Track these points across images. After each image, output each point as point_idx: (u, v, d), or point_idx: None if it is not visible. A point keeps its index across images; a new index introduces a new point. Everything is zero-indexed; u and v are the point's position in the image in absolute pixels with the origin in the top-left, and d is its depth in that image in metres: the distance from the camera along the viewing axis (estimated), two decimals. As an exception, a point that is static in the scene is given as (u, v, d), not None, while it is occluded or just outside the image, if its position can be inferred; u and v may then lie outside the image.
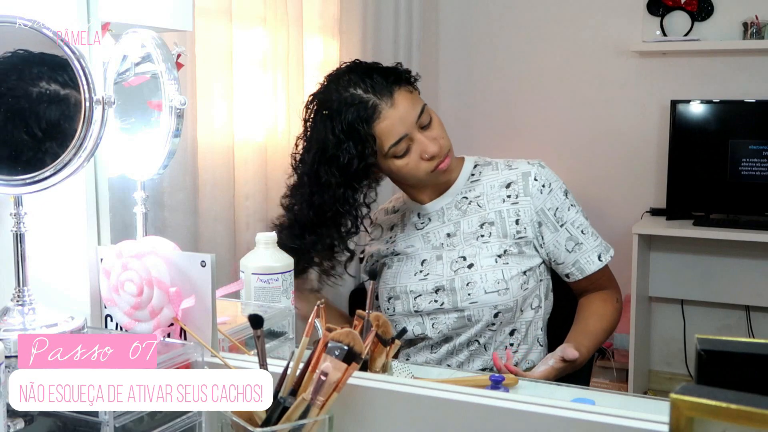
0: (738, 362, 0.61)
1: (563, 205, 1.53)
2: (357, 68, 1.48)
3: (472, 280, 1.49)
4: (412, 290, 1.53)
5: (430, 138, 1.46)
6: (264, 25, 2.34)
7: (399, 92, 1.44)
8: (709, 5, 3.21)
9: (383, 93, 1.43)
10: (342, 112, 1.42)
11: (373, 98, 1.43)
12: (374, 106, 1.42)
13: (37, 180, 0.95)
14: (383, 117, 1.43)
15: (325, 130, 1.43)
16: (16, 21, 0.93)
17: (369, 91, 1.43)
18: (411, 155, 1.46)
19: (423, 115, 1.45)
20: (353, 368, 0.87)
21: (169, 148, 1.11)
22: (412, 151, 1.46)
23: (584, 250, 1.53)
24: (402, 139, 1.44)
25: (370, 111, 1.42)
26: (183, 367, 0.97)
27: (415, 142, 1.45)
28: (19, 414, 0.90)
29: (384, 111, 1.43)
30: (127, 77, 1.14)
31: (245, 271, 1.31)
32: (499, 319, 1.49)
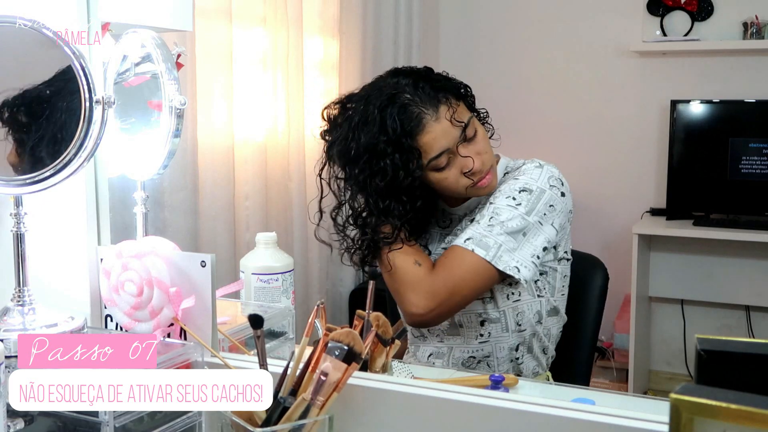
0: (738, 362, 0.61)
1: (508, 191, 1.40)
2: (404, 74, 1.40)
3: None
4: None
5: (473, 152, 1.38)
6: (264, 25, 2.34)
7: (445, 104, 1.37)
8: (709, 5, 3.21)
9: (428, 104, 1.36)
10: (385, 116, 1.35)
11: (418, 109, 1.35)
12: (419, 119, 1.35)
13: (37, 180, 0.95)
14: (427, 130, 1.36)
15: (367, 138, 1.35)
16: (16, 21, 0.93)
17: (415, 102, 1.36)
18: (452, 169, 1.39)
19: (468, 129, 1.38)
20: (353, 368, 0.87)
21: (169, 148, 1.11)
22: (453, 165, 1.39)
23: (471, 228, 1.39)
24: (443, 153, 1.37)
25: (415, 122, 1.35)
26: (183, 367, 0.97)
27: (456, 156, 1.38)
28: (19, 414, 0.90)
29: (428, 124, 1.36)
30: (127, 77, 1.14)
31: (245, 271, 1.31)
32: (486, 329, 1.47)
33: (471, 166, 1.38)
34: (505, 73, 3.50)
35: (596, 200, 3.35)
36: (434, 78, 1.40)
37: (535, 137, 3.43)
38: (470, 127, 1.39)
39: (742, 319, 3.17)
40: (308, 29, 2.56)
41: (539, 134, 3.43)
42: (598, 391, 1.23)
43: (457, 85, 1.43)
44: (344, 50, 2.78)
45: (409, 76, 1.39)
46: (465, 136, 1.39)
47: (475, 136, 1.40)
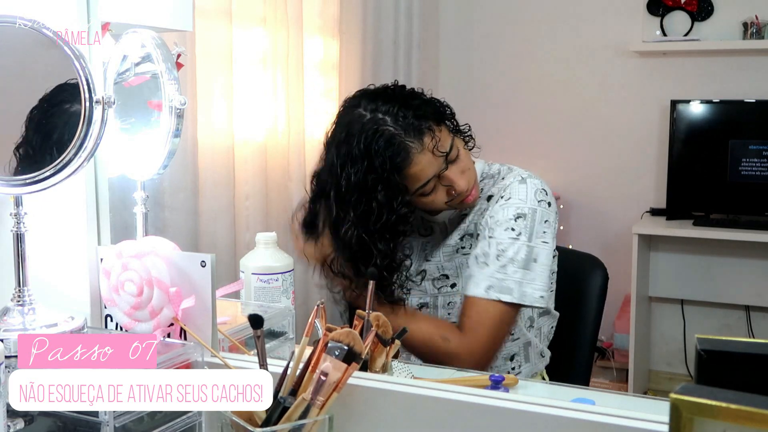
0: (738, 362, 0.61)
1: (504, 223, 1.37)
2: (382, 100, 1.34)
3: (453, 300, 1.47)
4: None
5: (458, 173, 1.36)
6: (264, 25, 2.34)
7: (428, 135, 1.32)
8: (709, 5, 3.21)
9: (413, 135, 1.31)
10: (371, 153, 1.30)
11: (404, 143, 1.31)
12: (406, 151, 1.31)
13: (37, 180, 0.95)
14: (414, 162, 1.32)
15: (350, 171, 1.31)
16: (16, 21, 0.93)
17: (399, 134, 1.31)
18: (438, 192, 1.38)
19: (452, 151, 1.35)
20: (353, 368, 0.87)
21: (169, 148, 1.11)
22: (439, 189, 1.38)
23: (482, 272, 1.36)
24: (430, 181, 1.35)
25: (402, 156, 1.31)
26: (183, 367, 0.97)
27: (443, 179, 1.37)
28: (19, 414, 0.90)
29: (415, 156, 1.31)
30: (127, 77, 1.14)
31: (245, 271, 1.31)
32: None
33: (458, 187, 1.37)
34: (505, 73, 3.50)
35: (596, 200, 3.35)
36: (414, 105, 1.34)
37: (534, 137, 3.43)
38: (453, 150, 1.36)
39: (742, 319, 3.17)
40: (308, 29, 2.56)
41: (539, 134, 3.43)
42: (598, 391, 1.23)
43: (437, 109, 1.37)
44: (344, 50, 2.78)
45: (387, 102, 1.33)
46: (449, 158, 1.36)
47: (458, 157, 1.37)
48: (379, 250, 1.33)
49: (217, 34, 2.14)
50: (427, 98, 1.39)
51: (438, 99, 1.41)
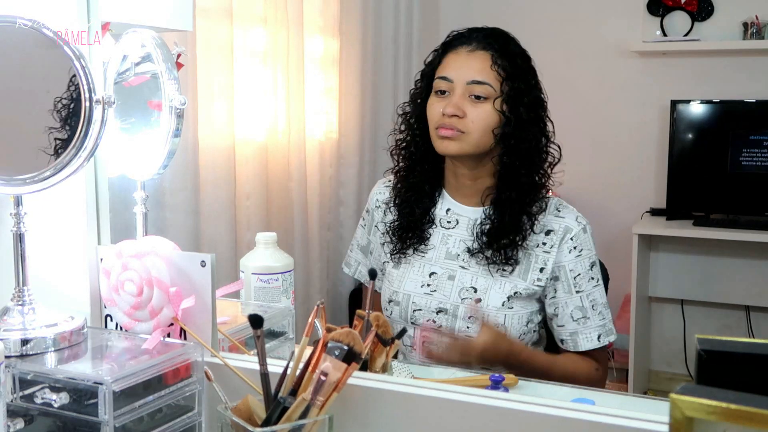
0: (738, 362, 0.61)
1: (585, 275, 1.46)
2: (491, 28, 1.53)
3: (476, 316, 1.44)
4: (414, 302, 1.48)
5: (459, 104, 1.42)
6: (264, 24, 2.34)
7: (482, 53, 1.45)
8: (709, 5, 3.21)
9: (473, 42, 1.46)
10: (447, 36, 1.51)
11: (465, 38, 1.47)
12: (456, 43, 1.47)
13: (37, 180, 0.95)
14: (455, 52, 1.47)
15: None
16: (16, 21, 0.93)
17: (465, 35, 1.48)
18: (441, 102, 1.45)
19: (477, 87, 1.43)
20: (353, 368, 0.87)
21: (169, 148, 1.11)
22: (444, 100, 1.45)
23: (587, 325, 1.46)
24: (445, 79, 1.45)
25: (455, 41, 1.48)
26: (183, 367, 0.97)
27: (451, 96, 1.44)
28: (19, 414, 0.90)
29: (458, 49, 1.46)
30: (127, 77, 1.14)
31: (245, 271, 1.31)
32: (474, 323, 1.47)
33: (445, 109, 1.42)
34: (505, 73, 3.49)
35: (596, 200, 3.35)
36: (502, 37, 1.50)
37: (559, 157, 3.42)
38: (482, 88, 1.42)
39: (742, 319, 3.17)
40: (308, 29, 2.56)
41: (539, 134, 3.42)
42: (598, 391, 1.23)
43: (513, 56, 1.48)
44: (344, 50, 2.78)
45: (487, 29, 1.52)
46: (471, 90, 1.43)
47: (479, 101, 1.42)
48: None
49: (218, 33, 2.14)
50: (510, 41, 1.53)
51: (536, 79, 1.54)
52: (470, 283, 1.46)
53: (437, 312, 1.47)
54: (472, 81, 1.42)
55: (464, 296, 1.45)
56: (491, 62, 1.43)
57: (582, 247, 1.47)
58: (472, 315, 1.43)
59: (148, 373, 0.92)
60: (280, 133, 2.42)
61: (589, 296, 1.47)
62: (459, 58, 1.45)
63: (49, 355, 0.96)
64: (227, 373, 0.97)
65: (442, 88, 1.45)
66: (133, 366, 0.92)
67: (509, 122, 1.42)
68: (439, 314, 1.46)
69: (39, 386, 0.91)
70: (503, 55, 1.44)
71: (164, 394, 0.94)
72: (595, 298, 1.47)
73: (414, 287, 1.49)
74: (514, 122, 1.42)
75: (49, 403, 0.89)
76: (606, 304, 1.49)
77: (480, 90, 1.42)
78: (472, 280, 1.46)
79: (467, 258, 1.48)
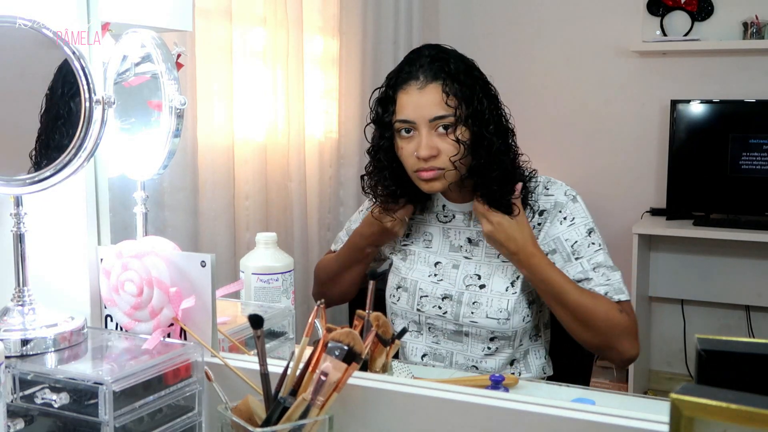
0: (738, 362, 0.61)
1: (583, 241, 1.46)
2: (427, 49, 1.47)
3: (479, 301, 1.48)
4: (421, 288, 1.53)
5: (431, 144, 1.40)
6: (264, 24, 2.34)
7: (434, 86, 1.40)
8: (709, 5, 3.21)
9: (419, 76, 1.41)
10: (390, 74, 1.48)
11: (410, 73, 1.42)
12: (405, 78, 1.43)
13: (37, 180, 0.95)
14: (405, 92, 1.42)
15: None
16: (16, 21, 0.93)
17: (412, 68, 1.43)
18: (410, 144, 1.43)
19: (440, 121, 1.40)
20: (353, 368, 0.87)
21: (169, 148, 1.11)
22: (413, 142, 1.42)
23: (591, 286, 1.44)
24: (406, 122, 1.42)
25: (401, 80, 1.43)
26: (183, 367, 0.97)
27: (418, 135, 1.41)
28: (19, 414, 0.90)
29: (407, 88, 1.42)
30: (127, 77, 1.14)
31: (245, 271, 1.31)
32: (495, 344, 1.49)
33: (419, 151, 1.40)
34: (505, 73, 3.48)
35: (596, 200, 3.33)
36: (449, 60, 1.42)
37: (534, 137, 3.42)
38: (446, 121, 1.39)
39: (742, 319, 3.17)
40: (308, 29, 2.56)
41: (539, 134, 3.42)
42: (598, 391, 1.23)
43: (472, 86, 1.41)
44: (344, 50, 2.78)
45: (430, 49, 1.45)
46: (435, 125, 1.40)
47: (447, 133, 1.40)
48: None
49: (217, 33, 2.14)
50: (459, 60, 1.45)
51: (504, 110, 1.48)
52: (474, 270, 1.51)
53: (443, 298, 1.51)
54: (435, 117, 1.40)
55: (468, 283, 1.50)
56: (443, 92, 1.40)
57: (574, 215, 1.48)
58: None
59: (148, 374, 0.92)
60: (279, 133, 2.42)
61: (590, 260, 1.45)
62: (412, 98, 1.41)
63: (49, 356, 0.96)
64: (227, 373, 0.97)
65: (405, 128, 1.43)
66: (133, 366, 0.92)
67: (478, 138, 1.41)
68: (444, 300, 1.51)
69: (39, 386, 0.91)
70: (451, 79, 1.40)
71: (164, 395, 0.94)
72: (598, 261, 1.45)
73: (421, 275, 1.54)
74: (480, 137, 1.41)
75: (49, 403, 0.89)
76: (613, 267, 1.46)
77: (444, 122, 1.40)
78: (476, 268, 1.51)
79: (469, 248, 1.53)
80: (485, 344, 1.49)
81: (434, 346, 1.53)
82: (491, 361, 1.49)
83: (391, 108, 1.44)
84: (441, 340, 1.52)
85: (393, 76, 1.46)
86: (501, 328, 1.47)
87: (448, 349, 1.52)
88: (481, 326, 1.47)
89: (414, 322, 1.54)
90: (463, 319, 1.49)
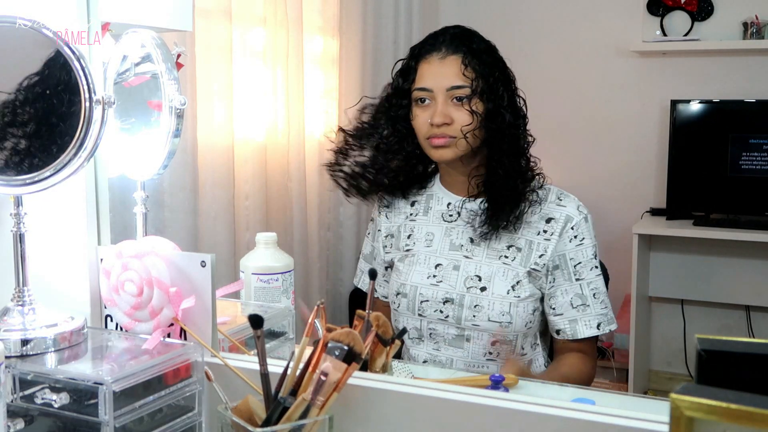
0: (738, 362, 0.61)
1: (587, 264, 1.49)
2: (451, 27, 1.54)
3: (481, 304, 1.47)
4: (421, 293, 1.51)
5: (445, 112, 1.46)
6: (264, 24, 2.34)
7: (454, 57, 1.47)
8: (709, 5, 3.21)
9: (441, 48, 1.48)
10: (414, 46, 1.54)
11: (433, 45, 1.49)
12: (428, 50, 1.49)
13: (37, 180, 0.95)
14: (426, 62, 1.49)
15: None
16: (16, 21, 0.93)
17: (436, 41, 1.50)
18: (425, 112, 1.48)
19: (456, 91, 1.46)
20: (353, 368, 0.87)
21: (169, 148, 1.11)
22: (428, 110, 1.48)
23: (587, 313, 1.48)
24: (424, 90, 1.48)
25: (424, 50, 1.50)
26: (183, 367, 0.97)
27: (434, 105, 1.47)
28: (19, 414, 0.90)
29: (429, 58, 1.49)
30: (127, 77, 1.14)
31: (245, 271, 1.31)
32: (496, 348, 1.48)
33: (432, 118, 1.46)
34: (505, 73, 3.49)
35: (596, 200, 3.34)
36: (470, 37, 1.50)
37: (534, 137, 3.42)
38: (462, 91, 1.46)
39: (742, 319, 3.17)
40: (308, 29, 2.56)
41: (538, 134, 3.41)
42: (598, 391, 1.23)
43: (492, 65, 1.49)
44: (344, 50, 2.78)
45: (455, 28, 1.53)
46: (452, 94, 1.46)
47: (462, 103, 1.46)
48: None
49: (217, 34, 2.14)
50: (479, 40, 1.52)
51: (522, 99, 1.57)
52: (474, 271, 1.50)
53: (444, 302, 1.50)
54: (452, 87, 1.46)
55: (469, 285, 1.49)
56: (463, 64, 1.47)
57: (584, 236, 1.50)
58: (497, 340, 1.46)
59: (148, 374, 0.92)
60: (279, 133, 2.42)
61: (590, 284, 1.49)
62: (432, 66, 1.49)
63: (49, 356, 0.96)
64: (227, 373, 0.97)
65: (421, 97, 1.49)
66: (133, 366, 0.92)
67: (490, 115, 1.47)
68: (445, 304, 1.50)
69: (39, 386, 0.91)
70: (472, 54, 1.47)
71: (164, 395, 0.94)
72: (597, 287, 1.50)
73: (420, 279, 1.53)
74: (494, 113, 1.47)
75: (49, 403, 0.89)
76: (606, 293, 1.52)
77: (460, 92, 1.46)
78: (477, 269, 1.50)
79: (470, 247, 1.52)
80: (486, 349, 1.48)
81: (435, 353, 1.52)
82: (492, 366, 1.49)
83: (412, 77, 1.51)
84: (442, 347, 1.51)
85: (416, 48, 1.52)
86: (503, 331, 1.47)
87: (448, 355, 1.51)
88: (483, 329, 1.46)
89: (415, 329, 1.52)
90: (465, 322, 1.47)
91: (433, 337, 1.51)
